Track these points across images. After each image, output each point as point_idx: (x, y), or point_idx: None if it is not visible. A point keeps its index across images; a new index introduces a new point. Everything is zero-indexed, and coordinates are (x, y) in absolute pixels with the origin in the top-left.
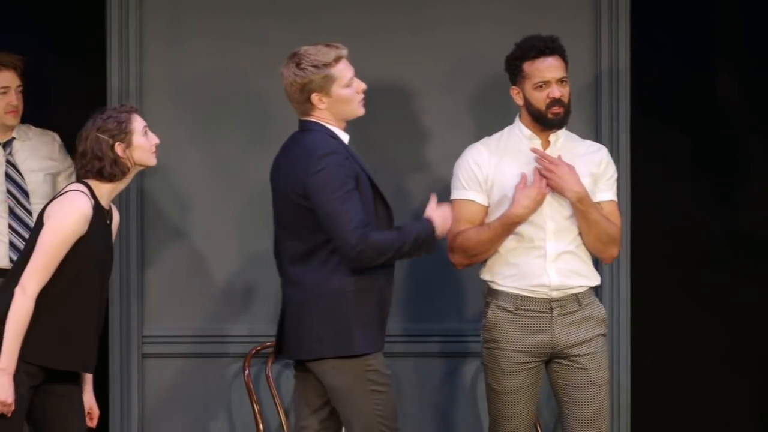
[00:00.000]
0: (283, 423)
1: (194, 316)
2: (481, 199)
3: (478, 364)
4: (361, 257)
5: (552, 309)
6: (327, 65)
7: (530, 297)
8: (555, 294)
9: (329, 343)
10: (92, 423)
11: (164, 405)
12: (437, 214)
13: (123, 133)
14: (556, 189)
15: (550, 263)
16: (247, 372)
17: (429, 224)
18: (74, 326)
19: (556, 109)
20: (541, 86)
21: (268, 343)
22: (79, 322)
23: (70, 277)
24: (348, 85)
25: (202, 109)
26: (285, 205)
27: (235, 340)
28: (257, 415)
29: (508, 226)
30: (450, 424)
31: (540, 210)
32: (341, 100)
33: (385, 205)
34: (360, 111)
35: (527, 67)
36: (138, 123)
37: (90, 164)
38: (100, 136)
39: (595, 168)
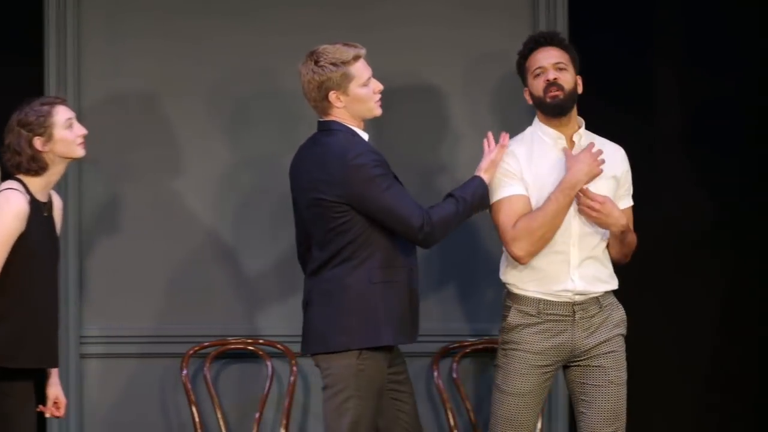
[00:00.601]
0: (221, 423)
1: (132, 316)
2: (524, 191)
3: (428, 362)
4: (431, 237)
5: (575, 312)
6: (345, 63)
7: (553, 301)
8: (578, 298)
9: (358, 334)
10: (59, 413)
11: (103, 405)
12: (486, 162)
13: (42, 127)
14: (602, 226)
15: (574, 269)
16: (185, 372)
17: (479, 180)
18: (28, 323)
19: (554, 92)
20: (538, 74)
21: (206, 343)
22: (34, 319)
23: (16, 276)
24: (365, 85)
25: (141, 106)
26: (311, 211)
27: (173, 340)
28: (195, 415)
29: (568, 190)
30: None
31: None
32: (358, 98)
33: None
34: (377, 111)
35: (527, 61)
36: (61, 115)
37: (12, 159)
38: (21, 130)
39: (618, 172)
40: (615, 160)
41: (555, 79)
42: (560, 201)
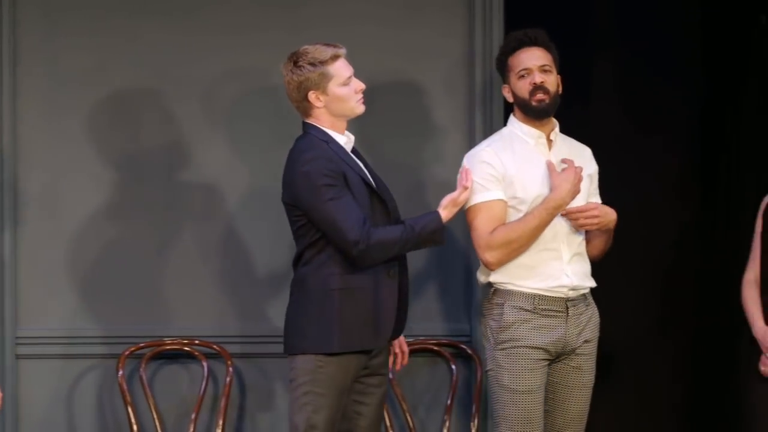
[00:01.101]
0: (157, 424)
1: (69, 316)
2: (503, 196)
3: None
4: (366, 255)
5: (567, 308)
6: (323, 63)
7: (548, 296)
8: (571, 294)
9: (312, 339)
10: None
11: (38, 407)
12: (447, 200)
13: None
14: (603, 228)
15: (566, 265)
16: (120, 373)
17: (436, 216)
18: None
19: (540, 96)
20: (523, 75)
21: (141, 344)
22: None
23: None
24: (345, 84)
25: (77, 105)
26: (285, 210)
27: (109, 341)
28: (131, 416)
29: (553, 210)
30: None
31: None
32: (338, 98)
33: (383, 204)
34: (359, 109)
35: (511, 60)
36: None
37: None
38: None
39: (590, 170)
40: (585, 159)
41: (542, 82)
42: (543, 218)
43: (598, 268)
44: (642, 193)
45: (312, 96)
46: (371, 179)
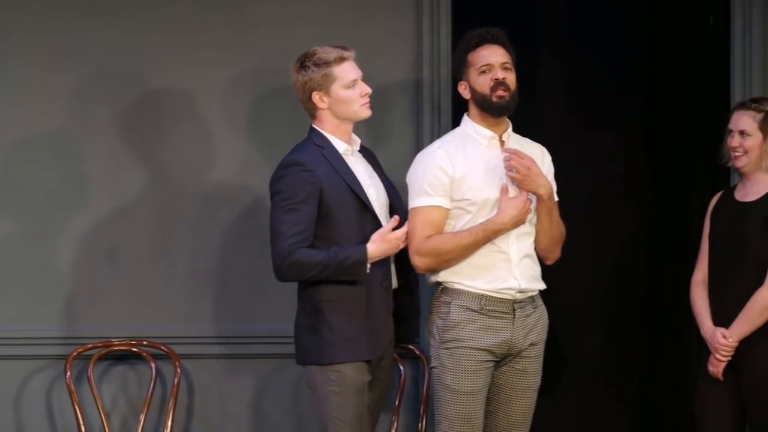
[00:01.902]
0: (105, 425)
1: (15, 318)
2: (446, 204)
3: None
4: (282, 271)
5: (515, 310)
6: (328, 64)
7: (496, 298)
8: (519, 296)
9: (310, 350)
10: None
11: None
12: (379, 236)
13: None
14: (530, 188)
15: (515, 267)
16: (68, 374)
17: (362, 251)
18: None
19: (501, 92)
20: (485, 71)
21: (89, 345)
22: None
23: None
24: (349, 87)
25: (25, 105)
26: None
27: (57, 342)
28: (79, 417)
29: (492, 233)
30: (272, 424)
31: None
32: (340, 100)
33: (372, 216)
34: (363, 113)
35: (471, 56)
36: None
37: None
38: None
39: (545, 169)
40: (540, 160)
41: (504, 78)
42: (478, 238)
43: (544, 266)
44: (589, 192)
45: (316, 97)
46: (366, 188)
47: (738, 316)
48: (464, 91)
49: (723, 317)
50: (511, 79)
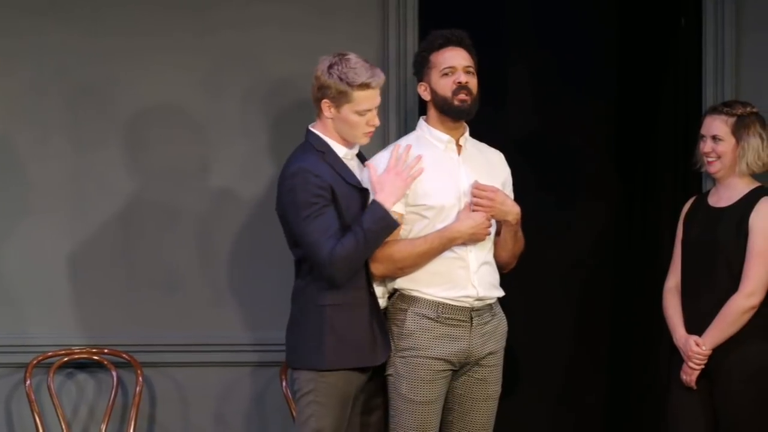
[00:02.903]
0: None
1: None
2: (401, 209)
3: (271, 373)
4: (336, 277)
5: (472, 318)
6: (351, 85)
7: (453, 305)
8: (477, 304)
9: (307, 354)
10: None
11: None
12: (378, 182)
13: None
14: (498, 217)
15: (473, 274)
16: (28, 382)
17: (375, 205)
18: None
19: (463, 96)
20: (447, 73)
21: (49, 353)
22: None
23: None
24: (360, 114)
25: None
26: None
27: (16, 350)
28: (39, 426)
29: (448, 240)
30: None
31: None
32: (347, 121)
33: None
34: (362, 140)
35: (434, 57)
36: None
37: None
38: None
39: (503, 177)
40: (498, 165)
41: (466, 82)
42: (434, 246)
43: (512, 271)
44: (558, 196)
45: (325, 104)
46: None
47: (712, 324)
48: (424, 92)
49: (696, 324)
50: (473, 83)
